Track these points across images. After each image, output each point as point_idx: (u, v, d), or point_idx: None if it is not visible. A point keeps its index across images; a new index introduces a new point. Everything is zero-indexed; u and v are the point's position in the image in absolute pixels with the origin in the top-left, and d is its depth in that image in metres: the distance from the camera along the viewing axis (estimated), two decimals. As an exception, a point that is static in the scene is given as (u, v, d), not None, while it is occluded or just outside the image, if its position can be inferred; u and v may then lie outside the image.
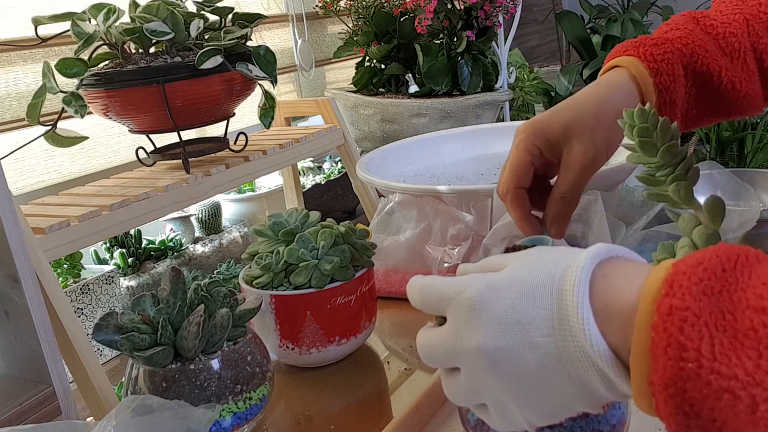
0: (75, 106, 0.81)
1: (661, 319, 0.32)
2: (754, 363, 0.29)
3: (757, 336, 0.30)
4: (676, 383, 0.31)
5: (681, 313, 0.31)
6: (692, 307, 0.31)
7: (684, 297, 0.32)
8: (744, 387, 0.29)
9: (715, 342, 0.30)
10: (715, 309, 0.31)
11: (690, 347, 0.30)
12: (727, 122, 1.20)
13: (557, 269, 0.38)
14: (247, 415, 0.63)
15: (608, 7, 2.25)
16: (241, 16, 0.93)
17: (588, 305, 0.36)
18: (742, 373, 0.29)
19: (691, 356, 0.30)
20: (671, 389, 0.31)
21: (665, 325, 0.31)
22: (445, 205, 0.88)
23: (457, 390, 0.42)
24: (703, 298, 0.31)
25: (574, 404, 0.38)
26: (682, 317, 0.31)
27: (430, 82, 1.33)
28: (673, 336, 0.31)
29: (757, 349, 0.29)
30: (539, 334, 0.37)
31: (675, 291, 0.32)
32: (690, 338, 0.31)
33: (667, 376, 0.31)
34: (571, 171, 0.58)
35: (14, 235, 0.63)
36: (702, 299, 0.31)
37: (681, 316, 0.31)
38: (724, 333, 0.30)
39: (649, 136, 0.45)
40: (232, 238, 1.22)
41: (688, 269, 0.33)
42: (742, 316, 0.30)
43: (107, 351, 0.96)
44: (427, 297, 0.43)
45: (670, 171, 0.45)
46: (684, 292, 0.32)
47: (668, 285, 0.32)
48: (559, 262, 0.38)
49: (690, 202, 0.45)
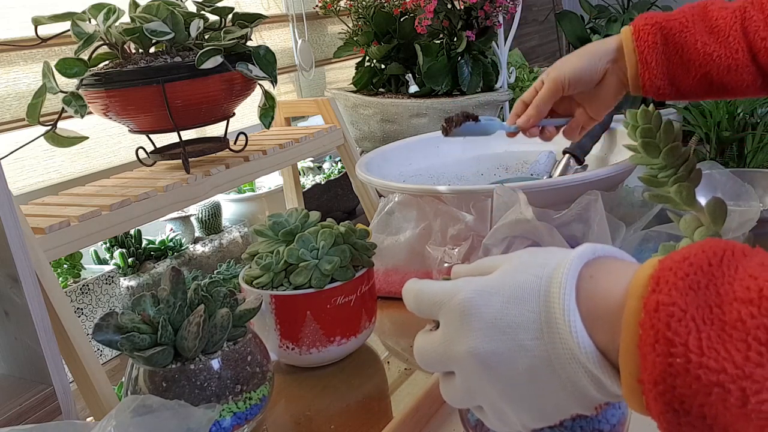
0: (75, 106, 0.81)
1: (648, 316, 0.31)
2: (743, 355, 0.29)
3: (745, 327, 0.29)
4: (666, 380, 0.31)
5: (667, 308, 0.31)
6: (678, 302, 0.31)
7: (670, 292, 0.31)
8: (734, 380, 0.29)
9: (703, 336, 0.30)
10: (702, 303, 0.31)
11: (678, 342, 0.30)
12: (727, 122, 1.20)
13: (544, 271, 0.38)
14: (247, 415, 0.62)
15: (608, 7, 2.25)
16: (241, 16, 0.93)
17: (575, 307, 0.36)
18: (731, 366, 0.29)
19: (679, 351, 0.30)
20: (660, 386, 0.31)
21: (652, 322, 0.31)
22: (445, 205, 0.88)
23: (454, 393, 0.43)
24: (690, 292, 0.31)
25: (567, 406, 0.38)
26: (668, 313, 0.31)
27: (430, 82, 1.33)
28: (660, 332, 0.31)
29: (746, 341, 0.29)
30: (528, 337, 0.37)
31: (661, 287, 0.32)
32: (677, 333, 0.30)
33: (656, 373, 0.31)
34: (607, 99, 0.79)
35: (14, 235, 0.63)
36: (688, 294, 0.31)
37: (667, 311, 0.31)
38: (712, 326, 0.30)
39: (652, 137, 0.45)
40: (232, 238, 1.22)
41: (674, 265, 0.32)
42: (730, 308, 0.30)
43: (107, 351, 0.96)
44: (421, 302, 0.43)
45: (673, 172, 0.45)
46: (670, 287, 0.31)
47: (654, 281, 0.32)
48: (547, 263, 0.38)
49: (692, 204, 0.45)
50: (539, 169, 1.08)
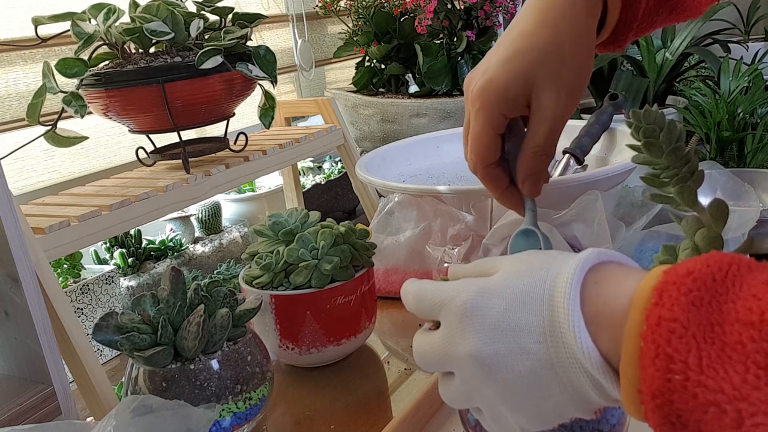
0: (75, 106, 0.81)
1: (650, 330, 0.32)
2: (741, 377, 0.29)
3: (745, 350, 0.29)
4: (664, 394, 0.31)
5: (669, 324, 0.31)
6: (680, 318, 0.31)
7: (672, 308, 0.31)
8: (730, 401, 0.29)
9: (703, 355, 0.30)
10: (704, 320, 0.31)
11: (677, 359, 0.30)
12: (727, 122, 1.20)
13: (549, 275, 0.38)
14: (247, 415, 0.62)
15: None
16: (241, 16, 0.93)
17: (579, 312, 0.36)
18: (728, 387, 0.29)
19: (678, 368, 0.30)
20: (658, 399, 0.31)
21: (653, 336, 0.31)
22: (445, 205, 0.88)
23: (452, 394, 0.43)
24: (692, 309, 0.31)
25: (566, 410, 0.38)
26: (670, 329, 0.31)
27: (430, 82, 1.33)
28: (660, 347, 0.31)
29: (745, 364, 0.29)
30: (531, 341, 0.37)
31: (664, 301, 0.32)
32: (677, 350, 0.30)
33: (655, 386, 0.31)
34: (543, 122, 0.53)
35: (14, 235, 0.63)
36: (691, 310, 0.31)
37: (669, 327, 0.31)
38: (712, 346, 0.30)
39: (655, 137, 0.45)
40: (232, 238, 1.22)
41: (678, 279, 0.32)
42: (731, 329, 0.30)
43: (107, 351, 0.96)
44: (420, 303, 0.43)
45: (675, 173, 0.45)
46: (673, 302, 0.32)
47: (658, 294, 0.32)
48: (551, 267, 0.38)
49: (694, 205, 0.44)
50: (539, 169, 1.08)
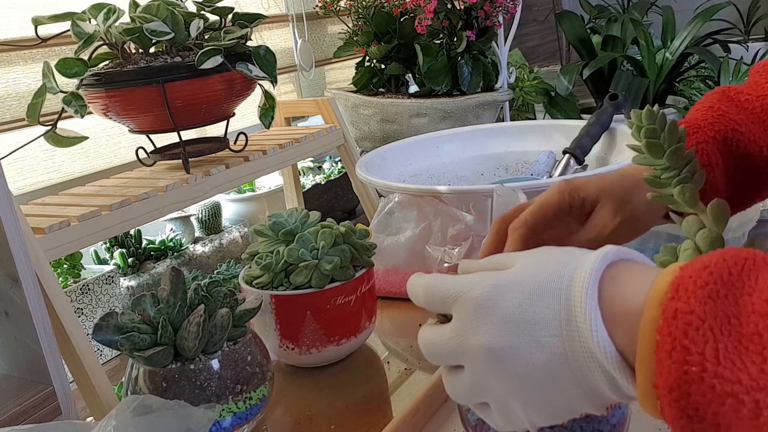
0: (75, 106, 0.81)
1: (666, 323, 0.32)
2: (758, 368, 0.29)
3: (762, 341, 0.30)
4: (680, 387, 0.31)
5: (686, 316, 0.31)
6: (697, 310, 0.31)
7: (689, 301, 0.32)
8: (747, 392, 0.29)
9: (720, 346, 0.30)
10: (720, 313, 0.31)
11: (694, 351, 0.31)
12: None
13: (566, 270, 0.38)
14: (247, 415, 0.62)
15: (608, 7, 2.25)
16: (241, 16, 0.93)
17: (596, 307, 0.36)
18: (746, 377, 0.29)
19: (695, 360, 0.30)
20: (675, 393, 0.31)
21: (670, 329, 0.31)
22: (445, 205, 0.88)
23: (460, 388, 0.42)
24: (709, 302, 0.31)
25: (579, 405, 0.38)
26: (686, 321, 0.31)
27: (430, 82, 1.33)
28: (677, 340, 0.31)
29: (762, 354, 0.29)
30: (546, 334, 0.37)
31: (680, 295, 0.32)
32: (694, 342, 0.31)
33: (672, 379, 0.31)
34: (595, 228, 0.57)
35: (14, 235, 0.63)
36: (707, 303, 0.31)
37: (686, 319, 0.31)
38: (729, 337, 0.30)
39: (656, 137, 0.45)
40: (232, 238, 1.22)
41: (694, 273, 0.33)
42: (747, 320, 0.30)
43: (107, 351, 0.96)
44: (432, 295, 0.43)
45: (676, 173, 0.45)
46: (689, 295, 0.32)
47: (674, 288, 0.32)
48: (569, 262, 0.38)
49: (695, 205, 0.44)
50: (539, 169, 1.08)
